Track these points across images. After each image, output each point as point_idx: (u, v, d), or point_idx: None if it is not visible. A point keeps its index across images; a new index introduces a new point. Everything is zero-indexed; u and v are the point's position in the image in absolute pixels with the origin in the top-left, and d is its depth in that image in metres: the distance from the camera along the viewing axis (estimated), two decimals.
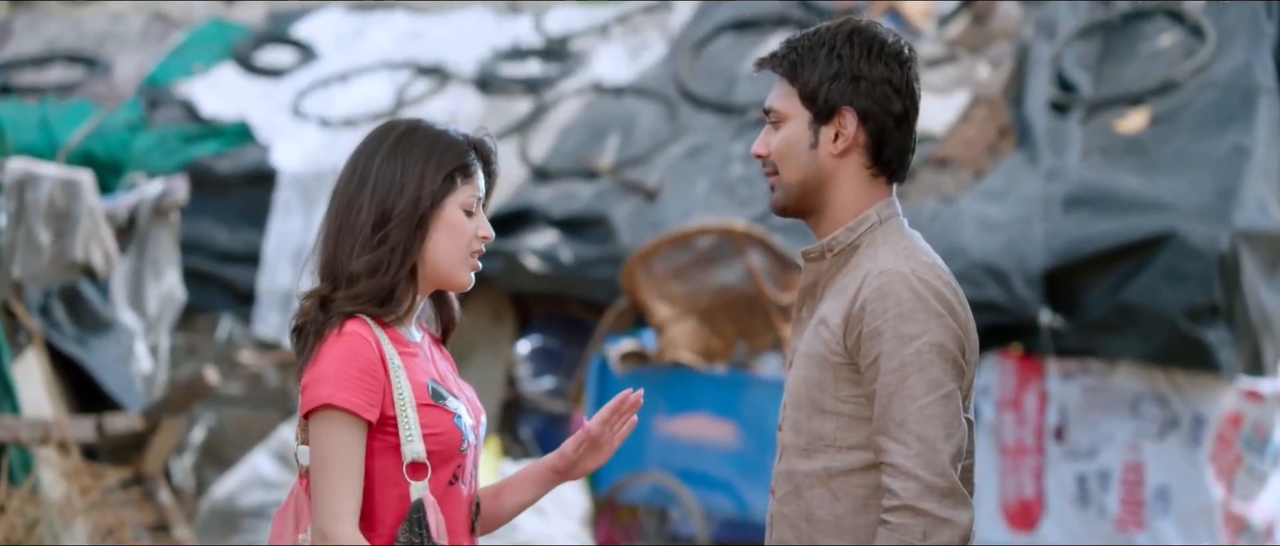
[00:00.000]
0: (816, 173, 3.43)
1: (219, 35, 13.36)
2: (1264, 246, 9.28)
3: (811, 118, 3.42)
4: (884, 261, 3.34)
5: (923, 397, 3.26)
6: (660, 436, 9.61)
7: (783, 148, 3.44)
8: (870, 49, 3.42)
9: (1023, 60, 10.73)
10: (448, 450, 3.37)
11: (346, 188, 3.42)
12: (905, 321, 3.28)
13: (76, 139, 12.03)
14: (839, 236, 3.44)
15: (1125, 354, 9.21)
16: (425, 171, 3.39)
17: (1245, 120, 9.73)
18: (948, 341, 3.30)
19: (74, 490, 7.43)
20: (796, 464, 3.39)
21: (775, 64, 3.48)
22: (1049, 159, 9.96)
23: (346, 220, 3.40)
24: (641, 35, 12.41)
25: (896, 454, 3.25)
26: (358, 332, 3.34)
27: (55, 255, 7.81)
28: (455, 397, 3.43)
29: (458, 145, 3.42)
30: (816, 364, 3.36)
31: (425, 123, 3.46)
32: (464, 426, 3.40)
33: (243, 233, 11.52)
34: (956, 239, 9.47)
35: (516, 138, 11.61)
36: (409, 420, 3.34)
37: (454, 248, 3.41)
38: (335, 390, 3.31)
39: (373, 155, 3.42)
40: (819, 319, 3.39)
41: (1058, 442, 9.36)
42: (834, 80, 3.41)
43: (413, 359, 3.40)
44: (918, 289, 3.30)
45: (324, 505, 3.29)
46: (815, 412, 3.37)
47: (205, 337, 11.24)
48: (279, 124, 12.18)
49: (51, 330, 7.98)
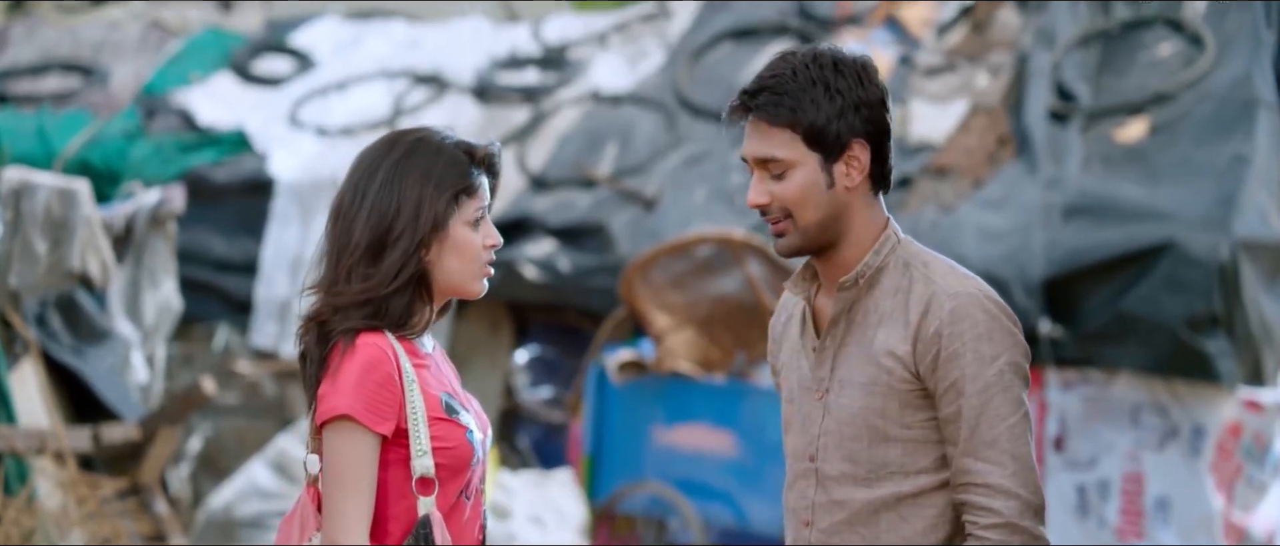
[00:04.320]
0: (834, 209, 3.41)
1: (216, 44, 13.34)
2: (1264, 256, 9.25)
3: (822, 158, 3.39)
4: (947, 283, 3.36)
5: (1010, 417, 3.30)
6: (658, 446, 9.59)
7: (798, 195, 3.39)
8: (858, 74, 3.39)
9: (1022, 69, 10.71)
10: (459, 464, 3.38)
11: (348, 208, 3.40)
12: (984, 342, 3.31)
13: (73, 148, 12.01)
14: (870, 261, 3.42)
15: (1125, 363, 9.18)
16: (425, 194, 3.37)
17: (1245, 129, 9.70)
18: (1021, 359, 3.35)
19: (70, 500, 7.42)
20: (853, 493, 3.39)
21: (763, 113, 3.40)
22: (1048, 168, 9.94)
23: (347, 242, 3.39)
24: (640, 44, 12.39)
25: (992, 474, 3.28)
26: (376, 345, 3.35)
27: (52, 265, 7.80)
28: (466, 411, 3.44)
29: (459, 163, 3.40)
30: (880, 393, 3.36)
31: (429, 137, 3.44)
32: (475, 441, 3.41)
33: (240, 242, 11.50)
34: (955, 248, 9.44)
35: (514, 147, 11.59)
36: (421, 434, 3.34)
37: (463, 265, 3.42)
38: (352, 402, 3.30)
39: (374, 175, 3.40)
40: (875, 347, 3.38)
41: (1057, 452, 9.32)
42: (840, 116, 3.37)
43: (426, 371, 3.41)
44: (991, 309, 3.34)
45: (335, 515, 3.29)
46: (879, 441, 3.37)
47: (202, 347, 11.21)
48: (276, 133, 12.16)
49: (48, 340, 7.95)
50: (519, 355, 10.85)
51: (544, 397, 10.73)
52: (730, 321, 9.58)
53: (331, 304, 3.37)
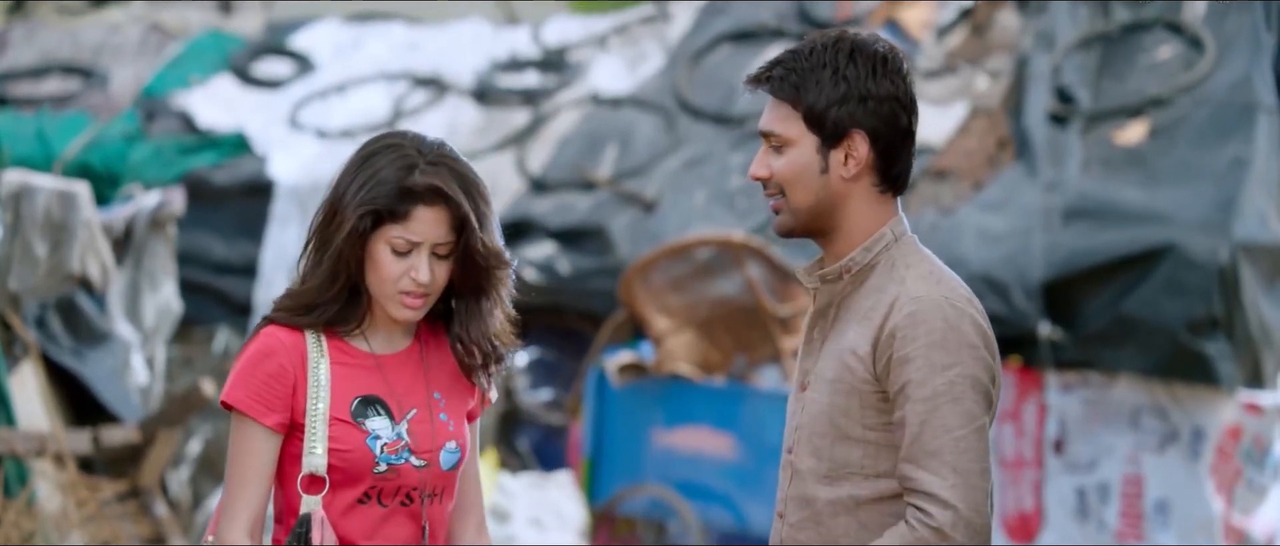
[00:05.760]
0: (828, 196, 3.34)
1: (216, 46, 13.33)
2: (1264, 259, 9.26)
3: (820, 142, 3.33)
4: (914, 287, 3.28)
5: (958, 429, 3.20)
6: (658, 448, 9.59)
7: (791, 173, 3.34)
8: (873, 66, 3.32)
9: (1022, 72, 10.70)
10: (353, 469, 3.31)
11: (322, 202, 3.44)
12: (937, 350, 3.21)
13: (73, 150, 12.00)
14: (856, 257, 3.36)
15: (1125, 366, 9.18)
16: (349, 205, 3.34)
17: (1245, 132, 9.70)
18: (980, 373, 3.24)
19: (70, 503, 7.42)
20: (817, 491, 3.33)
21: (772, 85, 3.38)
22: (1048, 171, 9.93)
23: (309, 234, 3.43)
24: (639, 46, 12.38)
25: (931, 483, 3.19)
26: (274, 335, 3.34)
27: (52, 267, 7.80)
28: (384, 416, 3.36)
29: (386, 186, 3.32)
30: (843, 390, 3.30)
31: (392, 147, 3.38)
32: (375, 447, 3.33)
33: (240, 244, 11.48)
34: (955, 250, 9.44)
35: (514, 149, 11.58)
36: (314, 431, 3.30)
37: (378, 283, 3.35)
38: (231, 389, 3.34)
39: (342, 172, 3.41)
40: (844, 344, 3.32)
41: (1057, 455, 9.33)
42: (842, 103, 3.31)
43: (350, 369, 3.36)
44: (950, 317, 3.24)
45: (222, 504, 3.33)
46: (840, 440, 3.30)
47: (202, 350, 11.20)
48: (276, 135, 12.14)
49: (48, 342, 7.96)
50: (519, 357, 10.85)
51: (544, 400, 10.72)
52: (730, 324, 9.58)
53: (277, 300, 3.40)
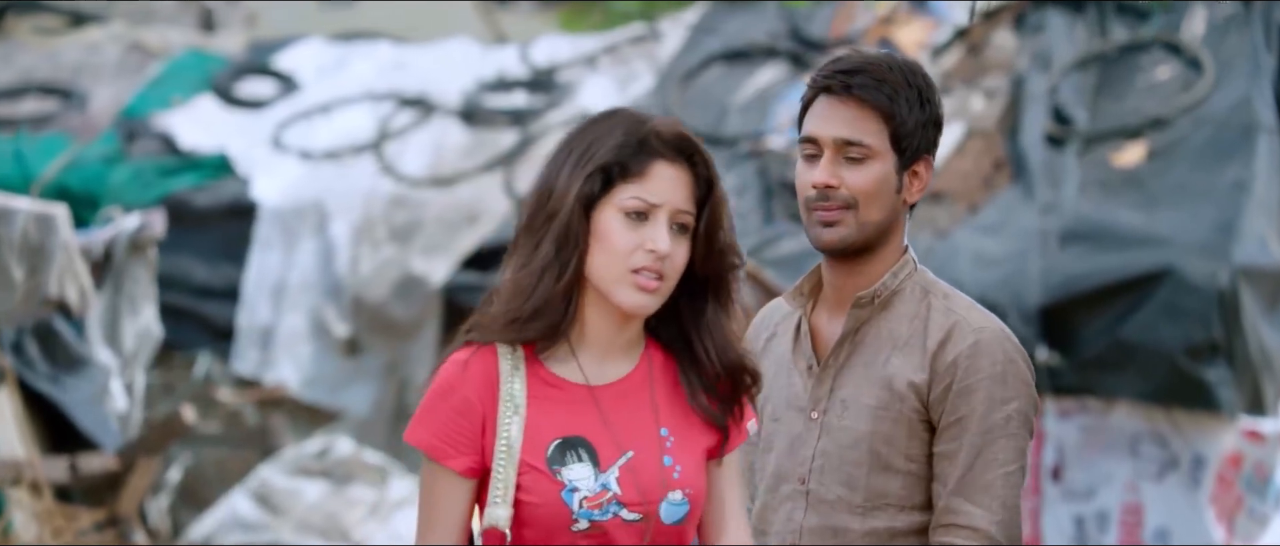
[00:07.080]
0: (892, 216, 3.31)
1: (198, 66, 13.31)
2: (1264, 283, 9.23)
3: (898, 161, 3.29)
4: (972, 317, 3.27)
5: (1009, 465, 3.21)
6: None
7: (871, 187, 3.27)
8: (937, 94, 3.35)
9: (1018, 92, 10.71)
10: (544, 526, 2.83)
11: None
12: (998, 384, 3.21)
13: (51, 172, 11.97)
14: (887, 282, 3.33)
15: (1123, 392, 9.15)
16: (564, 170, 2.90)
17: (1245, 154, 9.71)
18: (1030, 410, 3.26)
19: (46, 532, 7.41)
20: (847, 521, 3.26)
21: (864, 92, 3.26)
22: (1045, 193, 9.95)
23: (516, 233, 2.96)
24: (629, 66, 12.39)
25: (978, 518, 3.18)
26: (460, 362, 2.86)
27: (29, 291, 7.79)
28: (587, 462, 2.86)
29: (617, 139, 2.89)
30: (889, 419, 3.24)
31: (614, 113, 2.97)
32: (572, 501, 2.84)
33: (221, 268, 11.45)
34: (951, 274, 9.39)
35: (502, 170, 11.55)
36: (501, 478, 2.82)
37: (606, 263, 2.86)
38: (414, 427, 2.87)
39: (550, 160, 2.96)
40: (887, 371, 3.27)
41: (1055, 483, 9.29)
42: (924, 128, 3.30)
43: (553, 404, 2.88)
44: (1010, 352, 3.25)
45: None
46: (880, 469, 3.25)
47: (182, 375, 11.17)
48: (259, 156, 12.12)
49: (25, 368, 7.93)
50: None
51: None
52: None
53: (477, 312, 2.92)
